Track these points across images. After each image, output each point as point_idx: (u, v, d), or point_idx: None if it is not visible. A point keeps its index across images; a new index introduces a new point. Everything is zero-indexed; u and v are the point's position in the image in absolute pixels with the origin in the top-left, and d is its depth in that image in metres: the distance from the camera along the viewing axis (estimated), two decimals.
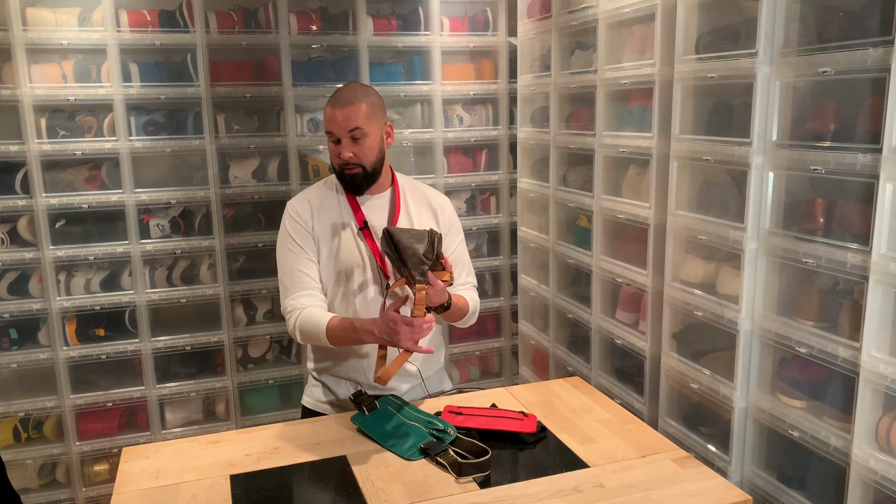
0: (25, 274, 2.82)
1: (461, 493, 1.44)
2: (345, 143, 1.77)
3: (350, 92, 1.78)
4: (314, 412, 1.95)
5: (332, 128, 1.78)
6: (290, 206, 1.90)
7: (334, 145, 1.80)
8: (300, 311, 1.78)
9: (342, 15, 3.02)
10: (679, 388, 2.18)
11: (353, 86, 1.82)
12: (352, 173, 1.81)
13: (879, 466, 1.55)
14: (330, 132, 1.79)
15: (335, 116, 1.76)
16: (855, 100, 1.60)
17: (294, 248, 1.85)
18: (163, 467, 1.59)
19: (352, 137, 1.77)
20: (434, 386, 1.99)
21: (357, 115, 1.75)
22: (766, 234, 1.81)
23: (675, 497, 1.42)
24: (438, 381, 2.03)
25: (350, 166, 1.80)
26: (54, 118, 2.75)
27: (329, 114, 1.77)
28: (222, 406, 3.11)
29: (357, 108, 1.76)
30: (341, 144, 1.78)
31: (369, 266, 1.86)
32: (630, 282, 2.37)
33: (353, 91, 1.79)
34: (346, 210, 1.88)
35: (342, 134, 1.77)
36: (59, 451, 2.90)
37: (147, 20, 2.78)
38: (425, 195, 1.98)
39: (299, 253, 1.85)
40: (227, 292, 3.03)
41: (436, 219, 1.95)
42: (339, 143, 1.78)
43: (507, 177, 3.37)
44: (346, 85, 1.83)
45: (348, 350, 1.88)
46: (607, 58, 2.40)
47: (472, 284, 1.99)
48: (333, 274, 1.86)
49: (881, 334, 1.55)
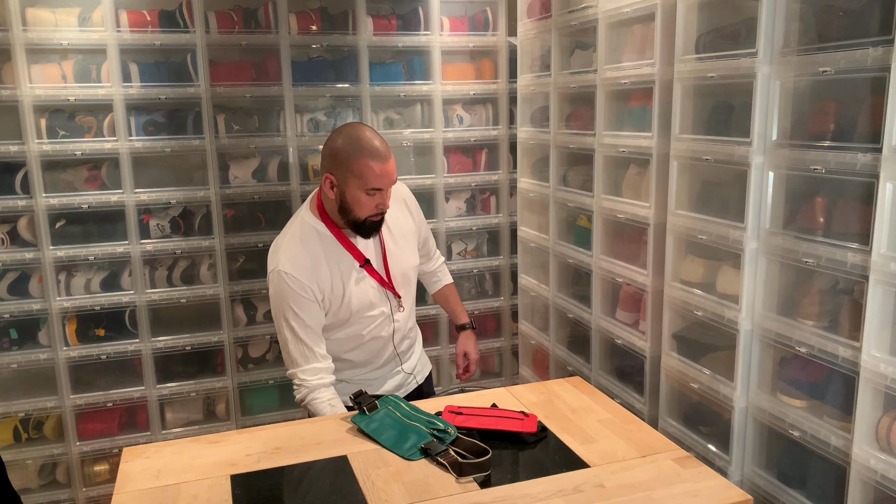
0: (25, 274, 2.82)
1: (461, 493, 1.44)
2: (387, 193, 1.76)
3: (382, 142, 1.74)
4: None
5: (382, 184, 1.72)
6: (288, 276, 1.76)
7: (370, 198, 1.74)
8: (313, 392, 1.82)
9: (342, 15, 3.02)
10: (679, 388, 2.18)
11: (375, 133, 1.75)
12: (379, 221, 1.81)
13: (880, 466, 1.55)
14: (378, 188, 1.72)
15: (387, 171, 1.72)
16: (855, 99, 1.60)
17: (296, 321, 1.79)
18: (163, 467, 1.59)
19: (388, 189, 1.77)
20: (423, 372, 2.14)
21: (395, 167, 1.76)
22: (766, 233, 1.81)
23: (675, 497, 1.42)
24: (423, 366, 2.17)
25: (381, 215, 1.80)
26: (54, 118, 2.75)
27: (379, 169, 1.70)
28: (222, 406, 3.11)
29: (393, 159, 1.75)
30: (382, 195, 1.75)
31: (381, 295, 1.91)
32: (630, 281, 2.37)
33: (382, 140, 1.75)
34: (341, 253, 1.84)
35: (389, 186, 1.75)
36: (60, 452, 2.90)
37: (147, 20, 2.78)
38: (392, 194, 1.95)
39: (302, 328, 1.80)
40: (227, 292, 3.03)
41: (409, 213, 2.01)
42: (378, 195, 1.75)
43: (507, 177, 3.37)
44: (369, 130, 1.75)
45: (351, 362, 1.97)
46: (607, 57, 2.40)
47: (442, 260, 2.23)
48: (346, 316, 1.87)
49: (881, 334, 1.55)
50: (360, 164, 1.70)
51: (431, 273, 2.25)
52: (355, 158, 1.71)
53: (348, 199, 1.75)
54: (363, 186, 1.72)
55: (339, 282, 1.83)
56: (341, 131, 1.77)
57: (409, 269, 1.98)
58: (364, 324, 1.91)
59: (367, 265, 1.86)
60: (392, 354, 2.01)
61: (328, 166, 1.77)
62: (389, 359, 2.02)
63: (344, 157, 1.73)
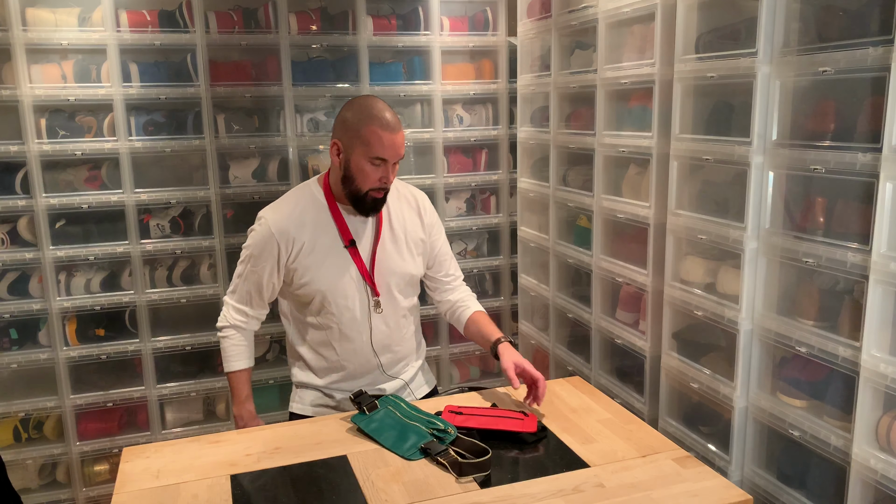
0: (25, 274, 2.82)
1: (461, 493, 1.44)
2: (391, 166, 1.74)
3: (393, 113, 1.73)
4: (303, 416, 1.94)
5: (387, 154, 1.70)
6: (268, 229, 1.79)
7: (374, 168, 1.72)
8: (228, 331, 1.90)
9: (342, 15, 3.02)
10: (679, 388, 2.18)
11: (388, 107, 1.74)
12: (380, 197, 1.78)
13: (879, 466, 1.55)
14: (381, 158, 1.71)
15: (394, 142, 1.70)
16: (855, 99, 1.60)
17: (252, 267, 1.82)
18: (163, 467, 1.59)
19: (394, 163, 1.75)
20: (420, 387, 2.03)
21: (404, 142, 1.75)
22: (766, 233, 1.81)
23: (675, 497, 1.42)
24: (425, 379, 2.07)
25: (382, 189, 1.77)
26: (54, 118, 2.75)
27: (386, 139, 1.69)
28: (222, 406, 3.11)
29: (402, 133, 1.74)
30: (385, 167, 1.73)
31: (355, 284, 1.84)
32: (630, 281, 2.37)
33: (393, 112, 1.74)
34: (330, 227, 1.82)
35: (395, 159, 1.74)
36: (60, 452, 2.90)
37: (147, 20, 2.78)
38: (403, 195, 1.95)
39: (252, 276, 1.83)
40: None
41: (420, 221, 1.94)
42: (382, 166, 1.73)
43: (507, 177, 3.37)
44: (381, 102, 1.74)
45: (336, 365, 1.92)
46: (607, 57, 2.40)
47: (461, 278, 2.06)
48: (318, 294, 1.82)
49: (881, 334, 1.55)
50: (368, 131, 1.69)
51: (455, 303, 2.02)
52: (364, 125, 1.70)
53: (352, 168, 1.74)
54: (368, 154, 1.71)
55: (316, 252, 1.80)
56: (354, 100, 1.77)
57: (401, 273, 1.89)
58: (337, 315, 1.84)
59: (351, 247, 1.81)
60: (373, 365, 1.92)
61: (337, 133, 1.76)
62: (369, 369, 1.93)
63: (353, 124, 1.72)
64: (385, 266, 1.86)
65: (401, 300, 1.92)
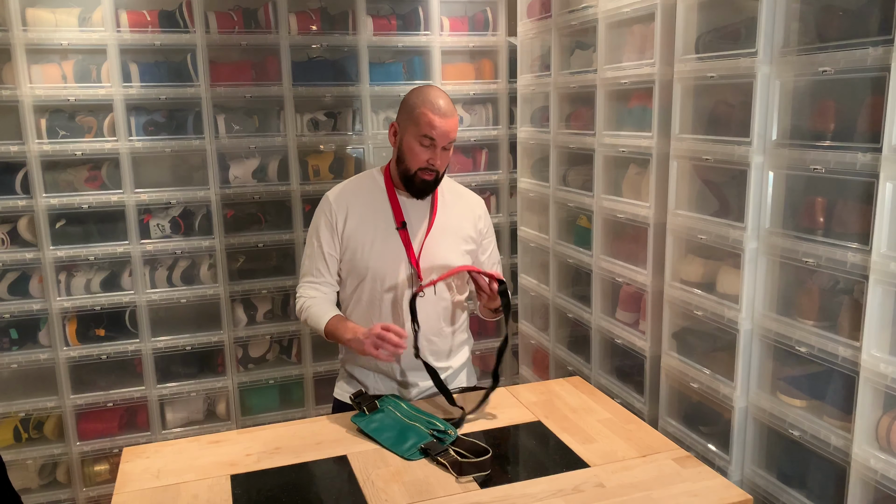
0: (26, 274, 2.82)
1: (462, 493, 1.44)
2: (439, 150, 1.81)
3: (447, 102, 1.82)
4: (345, 404, 1.94)
5: (435, 134, 1.78)
6: (327, 199, 1.92)
7: (423, 148, 1.80)
8: (306, 299, 1.91)
9: (342, 15, 3.02)
10: (679, 388, 2.18)
11: (445, 94, 1.84)
12: (429, 179, 1.85)
13: (880, 466, 1.55)
14: (430, 137, 1.78)
15: (444, 125, 1.78)
16: (855, 99, 1.60)
17: (317, 241, 1.91)
18: (163, 467, 1.59)
19: (443, 147, 1.82)
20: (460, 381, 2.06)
21: (456, 128, 1.83)
22: (766, 233, 1.81)
23: (675, 497, 1.42)
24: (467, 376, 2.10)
25: (431, 171, 1.84)
26: (54, 118, 2.75)
27: (436, 121, 1.77)
28: (223, 406, 3.11)
29: (455, 120, 1.82)
30: (433, 150, 1.80)
31: (404, 266, 1.88)
32: (630, 281, 2.37)
33: (449, 101, 1.82)
34: (385, 208, 1.90)
35: (443, 142, 1.80)
36: (60, 452, 2.90)
37: (147, 20, 2.78)
38: (464, 197, 2.03)
39: (317, 248, 1.91)
40: (227, 292, 3.03)
41: (474, 223, 2.00)
42: (431, 147, 1.80)
43: (507, 177, 3.37)
44: (439, 91, 1.84)
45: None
46: (607, 57, 2.40)
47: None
48: (367, 272, 1.88)
49: (881, 333, 1.55)
50: (419, 112, 1.79)
51: None
52: (417, 107, 1.81)
53: (404, 147, 1.84)
54: (418, 133, 1.80)
55: (370, 229, 1.88)
56: (417, 87, 1.88)
57: (446, 264, 1.90)
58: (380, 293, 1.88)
59: (402, 229, 1.88)
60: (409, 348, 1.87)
61: (397, 115, 1.88)
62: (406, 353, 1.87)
63: (409, 106, 1.83)
64: (432, 253, 1.91)
65: (443, 290, 1.94)
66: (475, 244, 2.00)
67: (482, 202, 2.07)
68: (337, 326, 1.83)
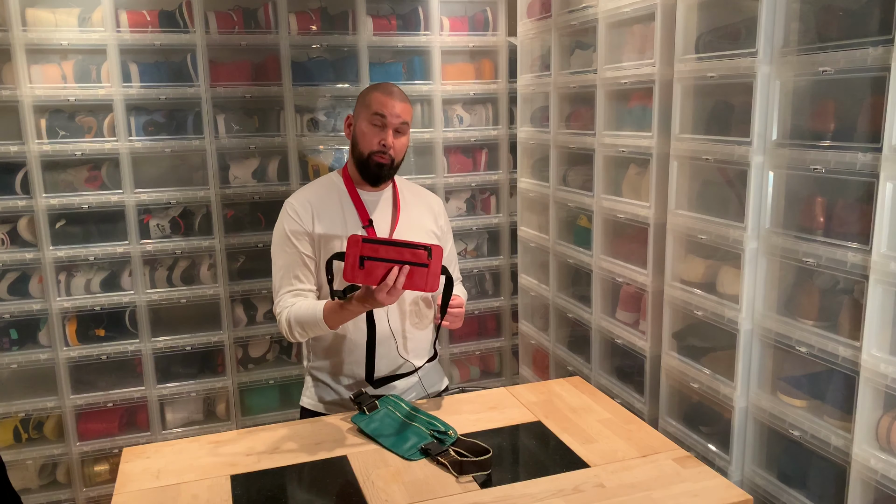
0: (26, 274, 2.82)
1: (462, 493, 1.44)
2: (390, 131, 1.83)
3: (399, 90, 1.86)
4: (313, 412, 1.94)
5: (386, 111, 1.81)
6: (289, 204, 1.89)
7: (376, 129, 1.82)
8: (288, 308, 1.80)
9: (342, 15, 3.02)
10: (679, 388, 2.18)
11: (396, 86, 1.88)
12: (381, 162, 1.85)
13: (880, 466, 1.55)
14: (380, 115, 1.81)
15: (393, 104, 1.82)
16: (855, 99, 1.60)
17: (290, 248, 1.85)
18: (163, 467, 1.59)
19: (396, 130, 1.83)
20: (431, 383, 2.00)
21: (408, 113, 1.86)
22: (766, 233, 1.81)
23: (675, 497, 1.42)
24: (438, 377, 2.05)
25: (383, 155, 1.84)
26: (54, 118, 2.75)
27: (384, 100, 1.81)
28: (223, 406, 3.11)
29: (409, 106, 1.86)
30: (385, 130, 1.82)
31: None
32: (630, 281, 2.37)
33: (401, 91, 1.87)
34: (349, 207, 1.89)
35: (393, 122, 1.82)
36: (60, 452, 2.90)
37: (147, 20, 2.78)
38: (422, 196, 2.03)
39: (293, 254, 1.85)
40: (227, 292, 3.03)
41: (435, 220, 2.00)
42: (383, 128, 1.82)
43: (507, 177, 3.37)
44: (392, 84, 1.88)
45: (346, 346, 1.89)
46: (607, 57, 2.40)
47: (459, 279, 2.09)
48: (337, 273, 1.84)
49: (881, 333, 1.55)
50: (371, 96, 1.84)
51: None
52: (370, 93, 1.86)
53: (357, 133, 1.86)
54: (369, 113, 1.82)
55: (338, 230, 1.86)
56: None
57: None
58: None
59: (369, 227, 1.88)
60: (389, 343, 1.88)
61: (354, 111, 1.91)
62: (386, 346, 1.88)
63: (362, 95, 1.88)
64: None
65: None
66: (438, 240, 2.01)
67: (440, 200, 2.10)
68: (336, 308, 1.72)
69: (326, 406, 1.94)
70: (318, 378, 1.96)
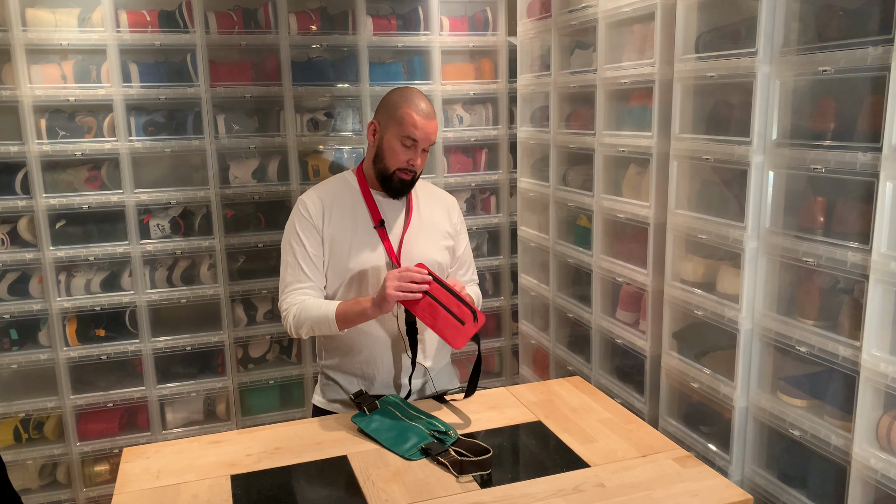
0: (26, 274, 2.82)
1: (462, 493, 1.44)
2: (419, 151, 1.83)
3: (429, 105, 1.84)
4: (325, 411, 1.95)
5: (418, 135, 1.80)
6: (302, 202, 1.89)
7: (405, 149, 1.81)
8: (297, 305, 1.81)
9: (342, 15, 3.02)
10: (679, 388, 2.18)
11: (426, 99, 1.85)
12: (406, 179, 1.85)
13: (880, 465, 1.55)
14: (412, 138, 1.80)
15: (426, 127, 1.80)
16: (855, 98, 1.60)
17: (298, 245, 1.86)
18: (163, 467, 1.59)
19: (423, 149, 1.83)
20: (442, 383, 2.00)
21: (436, 131, 1.85)
22: (766, 233, 1.81)
23: (675, 496, 1.42)
24: (447, 377, 2.05)
25: (409, 172, 1.84)
26: (54, 119, 2.75)
27: (419, 122, 1.79)
28: (223, 406, 3.11)
29: (436, 123, 1.85)
30: (414, 151, 1.82)
31: (384, 264, 1.87)
32: (630, 281, 2.37)
33: (430, 105, 1.85)
34: (362, 208, 1.89)
35: (424, 144, 1.82)
36: (60, 452, 2.90)
37: (147, 20, 2.78)
38: (436, 195, 2.03)
39: (301, 252, 1.85)
40: (227, 292, 3.03)
41: (448, 218, 2.00)
42: (413, 149, 1.81)
43: (507, 176, 3.37)
44: (421, 93, 1.85)
45: (359, 345, 1.89)
46: (607, 57, 2.40)
47: (475, 281, 2.09)
48: (347, 274, 1.86)
49: (881, 333, 1.55)
50: (403, 112, 1.80)
51: None
52: (400, 107, 1.81)
53: (384, 147, 1.84)
54: (400, 133, 1.81)
55: (349, 230, 1.86)
56: (398, 88, 1.89)
57: (427, 259, 1.87)
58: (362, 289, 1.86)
59: (380, 228, 1.87)
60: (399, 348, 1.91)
61: (377, 114, 1.88)
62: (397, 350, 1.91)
63: (391, 105, 1.84)
64: (412, 250, 1.91)
65: None
66: (452, 239, 2.00)
67: (454, 199, 2.08)
68: (347, 306, 1.76)
69: (338, 405, 1.94)
70: (331, 377, 1.97)
